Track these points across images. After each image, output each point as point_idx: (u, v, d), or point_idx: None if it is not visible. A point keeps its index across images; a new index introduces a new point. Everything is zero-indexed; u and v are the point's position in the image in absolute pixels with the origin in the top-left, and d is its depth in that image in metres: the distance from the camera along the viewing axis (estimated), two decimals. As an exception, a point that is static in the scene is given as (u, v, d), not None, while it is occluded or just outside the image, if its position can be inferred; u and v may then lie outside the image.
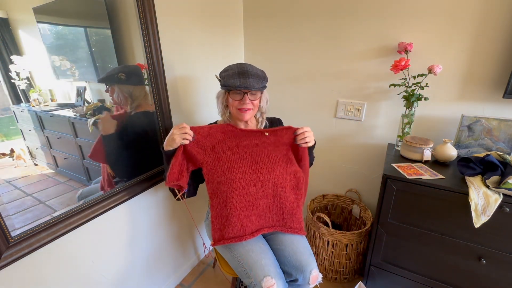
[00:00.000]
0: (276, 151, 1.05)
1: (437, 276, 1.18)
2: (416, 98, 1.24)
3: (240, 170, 1.00)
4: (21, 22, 0.77)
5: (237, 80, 0.98)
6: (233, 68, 1.00)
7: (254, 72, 1.00)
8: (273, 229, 1.05)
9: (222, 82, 1.02)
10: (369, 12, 1.33)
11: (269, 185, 1.02)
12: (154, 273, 1.41)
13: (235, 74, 0.98)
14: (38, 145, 0.85)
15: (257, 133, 1.04)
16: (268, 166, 1.03)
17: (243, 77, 0.98)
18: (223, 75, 1.01)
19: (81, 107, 0.94)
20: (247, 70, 0.99)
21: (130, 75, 1.06)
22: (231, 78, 0.98)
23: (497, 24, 1.11)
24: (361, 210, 1.62)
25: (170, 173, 0.94)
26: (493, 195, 0.93)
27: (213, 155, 1.00)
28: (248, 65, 1.02)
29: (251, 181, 1.01)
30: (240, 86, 0.98)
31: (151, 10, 1.06)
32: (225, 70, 1.02)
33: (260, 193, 1.02)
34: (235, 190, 0.99)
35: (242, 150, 1.02)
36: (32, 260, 0.87)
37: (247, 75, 0.98)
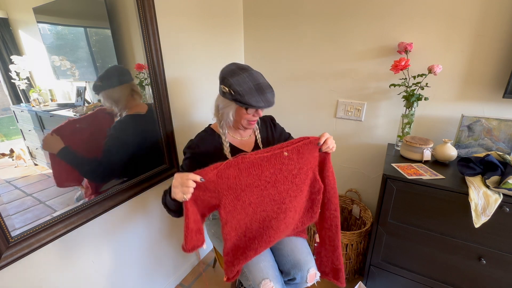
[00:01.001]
0: (301, 173, 0.90)
1: (437, 276, 1.18)
2: (416, 98, 1.24)
3: (261, 204, 0.88)
4: (21, 22, 0.77)
5: (259, 98, 0.88)
6: (245, 81, 0.89)
7: (266, 83, 0.93)
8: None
9: (240, 99, 0.88)
10: (369, 12, 1.33)
11: (291, 214, 0.92)
12: (154, 273, 1.41)
13: (253, 90, 0.88)
14: (38, 145, 0.85)
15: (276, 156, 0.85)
16: (291, 194, 0.90)
17: (262, 93, 0.89)
18: (239, 90, 0.87)
19: (81, 107, 0.94)
20: (261, 83, 0.90)
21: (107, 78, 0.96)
22: (251, 95, 0.87)
23: (497, 24, 1.11)
24: (361, 210, 1.62)
25: (187, 241, 0.82)
26: (493, 195, 0.93)
27: (231, 195, 0.83)
28: (255, 73, 0.92)
29: (272, 213, 0.90)
30: (264, 106, 0.90)
31: (151, 10, 1.06)
32: (238, 84, 0.88)
33: (282, 226, 0.92)
34: (255, 222, 0.89)
35: (265, 181, 0.86)
36: (32, 260, 0.87)
37: (264, 89, 0.90)
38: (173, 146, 1.31)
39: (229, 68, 0.93)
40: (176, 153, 1.34)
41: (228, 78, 0.90)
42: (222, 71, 0.95)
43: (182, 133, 1.36)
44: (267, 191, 0.87)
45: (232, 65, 0.94)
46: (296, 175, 0.89)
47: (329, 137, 0.91)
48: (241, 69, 0.92)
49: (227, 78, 0.90)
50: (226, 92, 0.90)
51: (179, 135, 1.34)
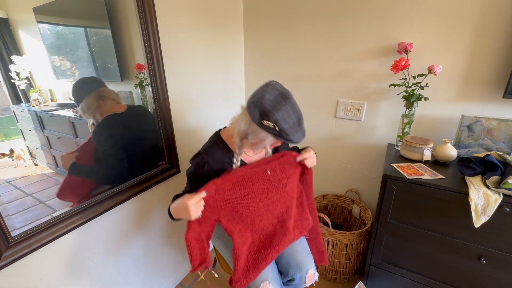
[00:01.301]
0: (289, 182, 0.99)
1: (437, 276, 1.18)
2: (416, 98, 1.24)
3: (257, 214, 0.94)
4: (21, 22, 0.77)
5: (300, 133, 0.84)
6: (290, 115, 0.80)
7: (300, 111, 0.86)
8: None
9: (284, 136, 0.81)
10: (369, 12, 1.33)
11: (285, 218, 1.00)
12: (154, 273, 1.41)
13: (296, 125, 0.82)
14: (38, 145, 0.85)
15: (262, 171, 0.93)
16: (281, 201, 0.98)
17: (301, 126, 0.84)
18: (285, 129, 0.79)
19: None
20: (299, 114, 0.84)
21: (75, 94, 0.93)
22: (294, 132, 0.82)
23: (497, 24, 1.11)
24: (361, 210, 1.62)
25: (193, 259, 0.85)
26: (493, 195, 0.93)
27: (229, 208, 0.89)
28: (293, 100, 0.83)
29: (267, 220, 0.97)
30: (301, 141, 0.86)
31: (151, 10, 1.06)
32: (284, 120, 0.79)
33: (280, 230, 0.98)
34: (256, 233, 0.96)
35: (258, 193, 0.92)
36: (32, 260, 0.87)
37: (301, 121, 0.84)
38: (173, 146, 1.31)
39: (272, 96, 0.80)
40: (176, 153, 1.34)
41: (273, 112, 0.78)
42: (263, 100, 0.79)
43: (182, 132, 1.36)
44: (262, 202, 0.93)
45: (272, 91, 0.81)
46: (286, 184, 0.98)
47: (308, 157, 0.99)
48: (284, 97, 0.81)
49: (272, 112, 0.78)
50: (270, 127, 0.79)
51: (179, 135, 1.34)
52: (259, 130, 0.83)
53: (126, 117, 1.09)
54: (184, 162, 1.39)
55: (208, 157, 0.93)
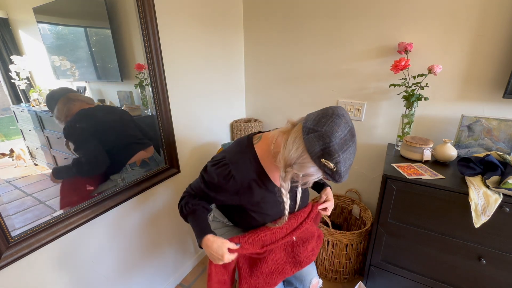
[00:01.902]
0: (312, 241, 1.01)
1: (437, 276, 1.18)
2: (416, 98, 1.24)
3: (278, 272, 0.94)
4: (21, 22, 0.77)
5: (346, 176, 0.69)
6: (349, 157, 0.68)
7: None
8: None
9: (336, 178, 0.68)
10: (369, 12, 1.33)
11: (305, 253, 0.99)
12: (154, 273, 1.41)
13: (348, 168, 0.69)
14: (38, 145, 0.85)
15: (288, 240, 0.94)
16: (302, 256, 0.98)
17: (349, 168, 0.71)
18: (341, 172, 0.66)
19: (81, 107, 0.94)
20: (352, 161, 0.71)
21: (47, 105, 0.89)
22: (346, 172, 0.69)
23: (497, 24, 1.11)
24: (361, 210, 1.62)
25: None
26: (493, 195, 0.93)
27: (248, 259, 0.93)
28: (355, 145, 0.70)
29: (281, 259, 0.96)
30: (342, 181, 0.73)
31: (151, 10, 1.06)
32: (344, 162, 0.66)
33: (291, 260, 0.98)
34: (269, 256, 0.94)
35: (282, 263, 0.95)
36: (32, 260, 0.87)
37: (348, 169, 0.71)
38: (173, 146, 1.31)
39: (343, 134, 0.65)
40: (176, 153, 1.34)
41: (340, 154, 0.65)
42: (332, 137, 0.64)
43: (182, 133, 1.36)
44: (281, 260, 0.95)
45: (344, 127, 0.66)
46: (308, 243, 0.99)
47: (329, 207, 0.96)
48: (352, 135, 0.68)
49: (338, 154, 0.64)
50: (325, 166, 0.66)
51: (179, 135, 1.34)
52: (311, 164, 0.68)
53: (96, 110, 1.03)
54: (184, 162, 1.39)
55: (236, 172, 0.78)
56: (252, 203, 0.84)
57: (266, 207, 0.86)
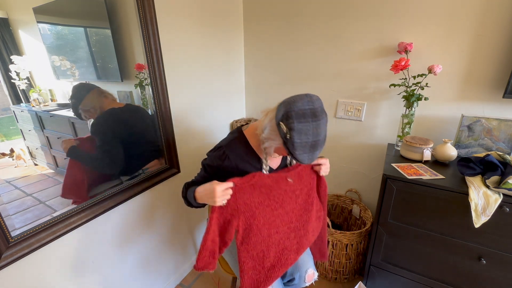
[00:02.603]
0: (302, 194, 0.98)
1: (437, 276, 1.18)
2: (416, 98, 1.24)
3: (274, 225, 0.92)
4: (21, 22, 0.77)
5: (306, 157, 0.78)
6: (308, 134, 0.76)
7: (323, 139, 0.80)
8: None
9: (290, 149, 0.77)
10: (369, 12, 1.33)
11: (301, 233, 0.97)
12: (154, 273, 1.41)
13: (308, 146, 0.77)
14: (38, 145, 0.85)
15: (282, 179, 0.92)
16: (296, 213, 0.97)
17: (313, 152, 0.79)
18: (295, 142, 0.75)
19: (81, 107, 0.94)
20: (319, 140, 0.78)
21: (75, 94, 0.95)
22: (302, 151, 0.77)
23: (497, 24, 1.11)
24: (361, 210, 1.62)
25: (200, 257, 0.83)
26: (493, 195, 0.93)
27: (248, 213, 0.87)
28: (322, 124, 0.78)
29: (284, 234, 0.94)
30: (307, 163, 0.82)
31: (151, 10, 1.06)
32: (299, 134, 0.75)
33: (295, 246, 0.96)
34: (272, 247, 0.92)
35: (274, 201, 0.91)
36: (32, 260, 0.87)
37: (317, 147, 0.78)
38: (173, 146, 1.31)
39: (303, 107, 0.76)
40: (177, 153, 1.34)
41: (294, 120, 0.74)
42: (291, 104, 0.77)
43: (182, 133, 1.36)
44: (276, 211, 0.92)
45: (307, 104, 0.77)
46: (298, 196, 0.97)
47: (324, 164, 0.99)
48: (314, 115, 0.76)
49: (292, 119, 0.74)
50: (283, 131, 0.77)
51: (179, 135, 1.34)
52: (274, 128, 0.81)
53: (124, 112, 1.10)
54: (184, 162, 1.39)
55: (229, 152, 0.91)
56: None
57: None
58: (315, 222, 1.03)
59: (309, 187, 1.00)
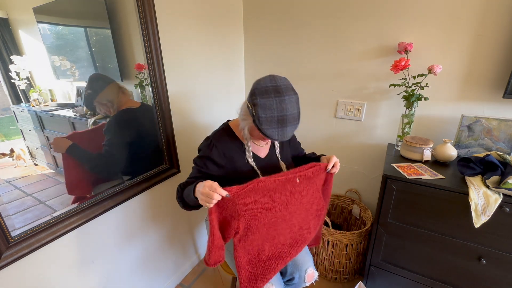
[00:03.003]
0: (308, 194, 0.97)
1: (437, 276, 1.18)
2: (416, 98, 1.24)
3: (273, 224, 0.92)
4: (21, 22, 0.77)
5: (275, 131, 0.82)
6: (272, 109, 0.81)
7: (292, 115, 0.83)
8: None
9: (258, 124, 0.82)
10: (369, 12, 1.33)
11: (295, 229, 0.97)
12: (155, 273, 1.41)
13: (274, 121, 0.81)
14: (38, 145, 0.85)
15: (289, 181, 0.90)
16: (297, 213, 0.96)
17: (282, 127, 0.82)
18: (260, 117, 0.81)
19: (81, 107, 0.94)
20: (286, 115, 0.82)
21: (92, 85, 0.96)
22: (269, 126, 0.82)
23: (497, 24, 1.11)
24: (361, 210, 1.62)
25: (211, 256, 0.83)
26: (493, 195, 0.93)
27: (248, 215, 0.86)
28: (288, 101, 0.82)
29: (282, 230, 0.94)
30: (277, 140, 0.85)
31: (151, 10, 1.06)
32: (263, 108, 0.81)
33: (289, 241, 0.97)
34: (267, 243, 0.93)
35: (278, 203, 0.90)
36: (32, 260, 0.87)
37: (286, 122, 0.82)
38: (173, 146, 1.31)
39: (265, 85, 0.83)
40: (177, 153, 1.34)
41: (256, 96, 0.82)
42: (256, 83, 0.85)
43: (182, 133, 1.36)
44: (280, 212, 0.91)
45: (269, 82, 0.84)
46: (304, 196, 0.95)
47: (337, 162, 0.96)
48: (276, 91, 0.82)
49: (255, 96, 0.82)
50: (250, 108, 0.84)
51: (179, 135, 1.34)
52: (245, 108, 0.89)
53: (140, 112, 1.13)
54: (184, 162, 1.39)
55: (216, 141, 0.95)
56: (236, 170, 0.96)
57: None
58: (312, 220, 1.03)
59: (314, 188, 0.99)
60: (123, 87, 1.06)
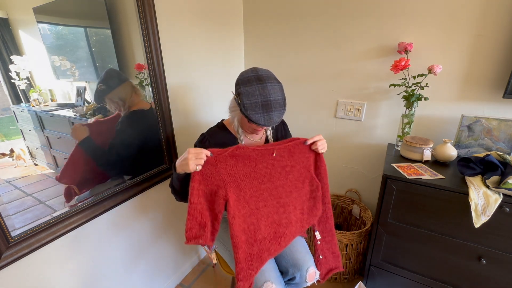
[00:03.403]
0: (293, 171, 0.98)
1: (437, 276, 1.18)
2: (416, 98, 1.24)
3: (262, 198, 0.93)
4: (21, 22, 0.77)
5: (261, 117, 0.87)
6: (255, 95, 0.87)
7: (276, 101, 0.88)
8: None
9: (244, 111, 0.88)
10: (369, 12, 1.33)
11: (290, 209, 0.97)
12: (154, 273, 1.41)
13: (259, 106, 0.86)
14: (38, 145, 0.85)
15: (267, 152, 0.93)
16: (286, 189, 0.97)
17: (267, 112, 0.87)
18: (245, 103, 0.87)
19: (81, 107, 0.94)
20: (270, 100, 0.87)
21: (107, 80, 0.98)
22: (255, 111, 0.87)
23: (497, 24, 1.11)
24: (361, 210, 1.62)
25: (187, 229, 0.81)
26: (493, 195, 0.93)
27: (233, 183, 0.88)
28: (270, 87, 0.88)
29: (273, 208, 0.94)
30: (264, 125, 0.89)
31: (151, 10, 1.06)
32: (247, 95, 0.87)
33: (284, 220, 0.96)
34: (261, 221, 0.92)
35: (260, 175, 0.93)
36: (32, 260, 0.87)
37: (271, 107, 0.87)
38: (173, 146, 1.31)
39: (247, 75, 0.90)
40: (177, 153, 1.34)
41: (240, 85, 0.89)
42: (239, 75, 0.92)
43: (182, 133, 1.36)
44: (264, 185, 0.93)
45: (251, 72, 0.91)
46: (289, 172, 0.97)
47: (319, 140, 0.98)
48: (258, 80, 0.88)
49: (239, 85, 0.89)
50: (236, 99, 0.91)
51: (179, 135, 1.34)
52: (233, 101, 0.98)
53: (149, 114, 1.16)
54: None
55: (209, 136, 1.01)
56: None
57: None
58: (307, 201, 1.02)
59: (302, 166, 0.99)
60: (136, 87, 1.08)
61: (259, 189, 0.92)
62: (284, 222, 0.95)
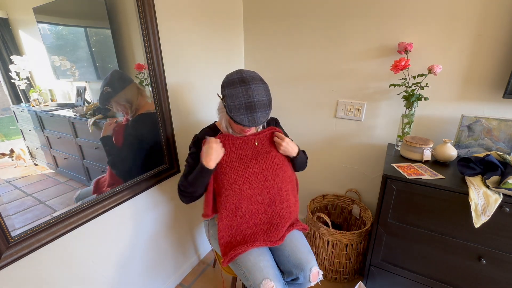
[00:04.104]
0: (278, 155, 1.08)
1: (437, 276, 1.18)
2: (416, 98, 1.24)
3: (247, 181, 1.02)
4: (21, 22, 0.77)
5: (245, 117, 0.90)
6: (238, 96, 0.90)
7: (260, 102, 0.91)
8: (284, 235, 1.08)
9: (228, 113, 0.91)
10: (369, 12, 1.33)
11: (274, 190, 1.05)
12: (154, 273, 1.41)
13: (242, 107, 0.90)
14: (38, 145, 0.85)
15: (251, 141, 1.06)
16: (272, 172, 1.05)
17: (251, 113, 0.90)
18: (230, 105, 0.90)
19: (81, 107, 0.94)
20: (254, 101, 0.90)
21: (113, 82, 0.99)
22: (238, 112, 0.90)
23: (497, 24, 1.11)
24: (361, 210, 1.62)
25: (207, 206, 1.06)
26: (493, 195, 0.93)
27: (218, 169, 1.02)
28: (254, 89, 0.91)
29: (257, 189, 1.03)
30: (248, 125, 0.92)
31: (151, 10, 1.06)
32: (231, 97, 0.90)
33: (267, 200, 1.05)
34: (244, 201, 1.02)
35: (246, 160, 1.03)
36: (32, 260, 0.87)
37: (255, 108, 0.90)
38: (173, 146, 1.31)
39: (232, 77, 0.94)
40: (177, 154, 1.34)
41: (225, 88, 0.93)
42: (225, 77, 0.96)
43: (182, 133, 1.36)
44: (250, 169, 1.02)
45: (236, 75, 0.94)
46: (275, 156, 1.07)
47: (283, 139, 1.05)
48: (241, 81, 0.91)
49: (224, 87, 0.93)
50: (220, 97, 0.96)
51: (179, 135, 1.34)
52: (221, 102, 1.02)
53: (155, 117, 1.18)
54: (183, 162, 1.39)
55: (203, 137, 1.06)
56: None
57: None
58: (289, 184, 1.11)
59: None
60: (141, 89, 1.09)
61: (244, 173, 1.01)
62: (266, 201, 1.05)
